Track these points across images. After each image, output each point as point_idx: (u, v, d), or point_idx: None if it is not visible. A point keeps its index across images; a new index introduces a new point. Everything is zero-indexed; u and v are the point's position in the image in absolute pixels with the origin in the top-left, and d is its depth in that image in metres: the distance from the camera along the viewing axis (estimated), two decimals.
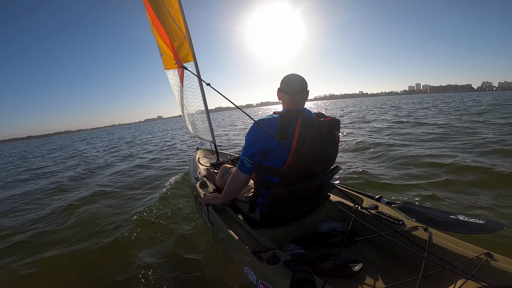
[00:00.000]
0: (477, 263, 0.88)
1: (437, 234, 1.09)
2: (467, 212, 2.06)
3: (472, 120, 7.86)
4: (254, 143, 1.17)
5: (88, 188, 4.03)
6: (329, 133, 1.19)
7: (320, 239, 1.29)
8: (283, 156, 1.13)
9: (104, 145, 13.41)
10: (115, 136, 23.81)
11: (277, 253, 1.04)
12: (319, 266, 1.07)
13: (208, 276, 1.56)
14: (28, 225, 2.74)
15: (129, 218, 2.55)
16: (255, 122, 1.17)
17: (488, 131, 5.60)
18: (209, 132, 3.12)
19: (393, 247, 1.14)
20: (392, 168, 3.49)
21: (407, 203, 1.32)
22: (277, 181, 1.20)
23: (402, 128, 7.23)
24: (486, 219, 1.02)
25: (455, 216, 1.09)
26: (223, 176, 1.82)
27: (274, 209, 1.24)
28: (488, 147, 4.08)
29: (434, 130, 6.31)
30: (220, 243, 1.48)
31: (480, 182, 2.67)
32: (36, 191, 4.35)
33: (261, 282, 0.98)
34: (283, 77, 1.30)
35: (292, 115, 1.13)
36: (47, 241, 2.32)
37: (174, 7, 2.63)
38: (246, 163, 1.21)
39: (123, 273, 1.70)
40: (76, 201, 3.33)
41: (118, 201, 3.24)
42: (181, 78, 2.96)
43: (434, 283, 0.94)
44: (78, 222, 2.65)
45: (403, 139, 5.56)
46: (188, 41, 2.70)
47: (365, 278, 1.06)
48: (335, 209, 1.45)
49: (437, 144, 4.70)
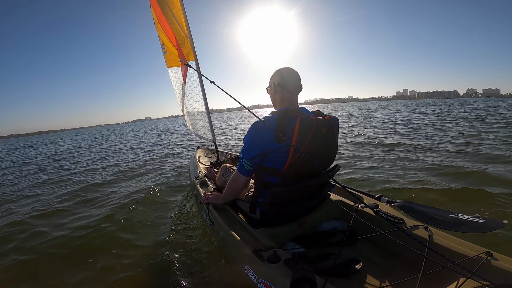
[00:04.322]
0: (478, 262, 0.88)
1: (437, 233, 1.09)
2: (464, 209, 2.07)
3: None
4: (253, 146, 1.15)
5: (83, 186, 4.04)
6: (328, 132, 1.18)
7: (320, 238, 1.29)
8: (283, 157, 1.12)
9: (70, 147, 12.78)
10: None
11: (278, 252, 1.04)
12: (319, 265, 1.07)
13: (208, 275, 1.56)
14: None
15: (129, 218, 2.56)
16: (253, 124, 1.16)
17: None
18: (209, 131, 3.12)
19: (394, 246, 1.14)
20: (397, 167, 3.49)
21: (408, 202, 1.32)
22: (277, 181, 1.19)
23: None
24: (487, 218, 1.02)
25: (455, 215, 1.09)
26: (223, 175, 1.82)
27: (274, 208, 1.24)
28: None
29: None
30: (220, 242, 1.48)
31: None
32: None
33: (262, 281, 0.98)
34: (280, 70, 1.23)
35: (290, 115, 1.11)
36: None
37: (176, 6, 2.63)
38: (246, 165, 1.19)
39: (121, 272, 1.70)
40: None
41: (120, 200, 3.25)
42: (184, 76, 2.96)
43: (435, 282, 0.94)
44: (75, 224, 2.66)
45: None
46: (190, 40, 2.70)
47: (366, 277, 1.06)
48: (336, 208, 1.45)
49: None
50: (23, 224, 2.68)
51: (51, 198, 3.64)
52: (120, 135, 19.92)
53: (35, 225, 2.63)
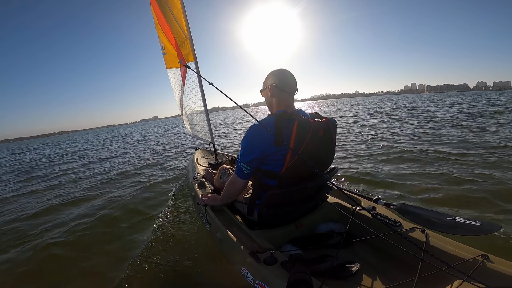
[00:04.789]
0: (474, 265, 0.89)
1: (434, 236, 1.09)
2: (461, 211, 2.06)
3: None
4: (251, 150, 1.14)
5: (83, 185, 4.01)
6: (326, 134, 1.18)
7: (317, 240, 1.29)
8: (281, 160, 1.12)
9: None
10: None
11: (275, 254, 1.04)
12: (316, 267, 1.07)
13: (205, 276, 1.55)
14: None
15: (128, 216, 2.55)
16: (250, 127, 1.15)
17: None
18: (207, 133, 3.12)
19: (390, 248, 1.15)
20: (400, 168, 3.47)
21: (405, 205, 1.32)
22: (275, 183, 1.19)
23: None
24: (483, 221, 1.02)
25: (452, 218, 1.09)
26: (221, 176, 1.81)
27: (272, 210, 1.23)
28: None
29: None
30: (217, 243, 1.48)
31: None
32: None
33: (258, 283, 0.98)
34: (276, 72, 1.22)
35: (288, 118, 1.10)
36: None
37: (177, 7, 2.63)
38: (244, 169, 1.18)
39: (118, 272, 1.69)
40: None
41: (120, 200, 3.23)
42: (183, 77, 2.95)
43: (431, 284, 0.94)
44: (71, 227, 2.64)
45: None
46: (189, 41, 2.70)
47: (362, 279, 1.06)
48: (333, 210, 1.45)
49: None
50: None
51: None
52: (139, 133, 19.26)
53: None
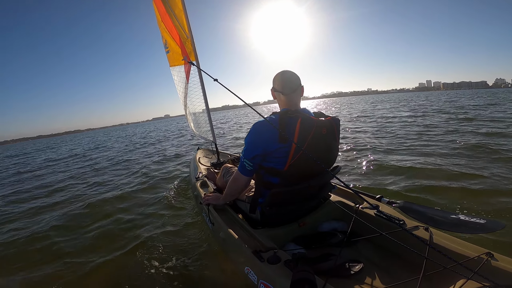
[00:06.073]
0: (478, 263, 0.88)
1: (437, 234, 1.09)
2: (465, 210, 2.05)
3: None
4: (254, 146, 1.16)
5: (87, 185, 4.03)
6: (329, 133, 1.18)
7: (320, 238, 1.29)
8: (284, 157, 1.13)
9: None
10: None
11: (278, 253, 1.04)
12: (319, 265, 1.07)
13: (208, 276, 1.56)
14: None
15: (127, 216, 2.56)
16: (254, 124, 1.17)
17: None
18: (209, 132, 3.11)
19: (394, 247, 1.14)
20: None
21: (408, 203, 1.32)
22: (277, 181, 1.20)
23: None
24: (487, 219, 1.02)
25: (455, 216, 1.09)
26: (224, 175, 1.82)
27: (274, 209, 1.24)
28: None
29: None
30: (220, 243, 1.48)
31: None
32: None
33: (262, 282, 0.98)
34: (275, 75, 1.25)
35: (291, 116, 1.12)
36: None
37: (178, 7, 2.63)
38: (247, 165, 1.20)
39: (121, 272, 1.71)
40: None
41: (118, 200, 3.25)
42: (187, 75, 2.94)
43: (435, 282, 0.94)
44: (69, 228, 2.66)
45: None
46: (191, 41, 2.70)
47: (366, 278, 1.06)
48: (336, 208, 1.45)
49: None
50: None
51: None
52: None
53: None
